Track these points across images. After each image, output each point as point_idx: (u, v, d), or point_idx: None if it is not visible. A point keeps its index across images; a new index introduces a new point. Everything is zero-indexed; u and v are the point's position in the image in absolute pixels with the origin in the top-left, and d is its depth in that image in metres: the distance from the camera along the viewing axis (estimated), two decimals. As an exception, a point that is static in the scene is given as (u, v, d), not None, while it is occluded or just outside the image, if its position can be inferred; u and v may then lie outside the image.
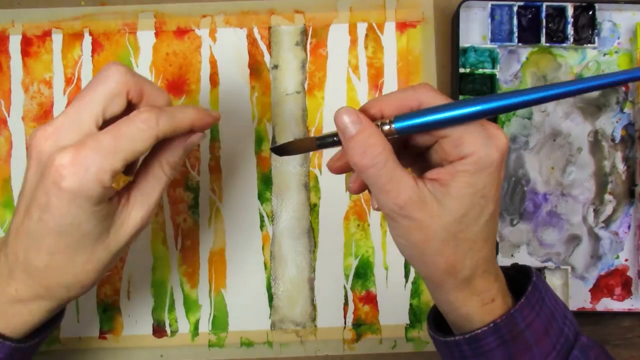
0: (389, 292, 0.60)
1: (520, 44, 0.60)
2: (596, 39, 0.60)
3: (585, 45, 0.60)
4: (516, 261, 0.60)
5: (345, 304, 0.60)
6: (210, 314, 0.60)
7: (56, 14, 0.61)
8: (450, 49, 0.62)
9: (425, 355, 0.60)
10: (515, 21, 0.60)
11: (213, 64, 0.61)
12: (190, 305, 0.60)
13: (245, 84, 0.61)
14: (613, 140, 0.61)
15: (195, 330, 0.60)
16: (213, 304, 0.60)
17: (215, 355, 0.60)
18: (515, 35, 0.60)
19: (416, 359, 0.60)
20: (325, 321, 0.60)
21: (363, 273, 0.60)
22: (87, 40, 0.61)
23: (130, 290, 0.60)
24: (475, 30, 0.61)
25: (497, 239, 0.60)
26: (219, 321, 0.60)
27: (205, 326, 0.60)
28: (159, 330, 0.60)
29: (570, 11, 0.60)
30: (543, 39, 0.60)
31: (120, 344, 0.60)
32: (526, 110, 0.61)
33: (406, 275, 0.60)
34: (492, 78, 0.60)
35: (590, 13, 0.60)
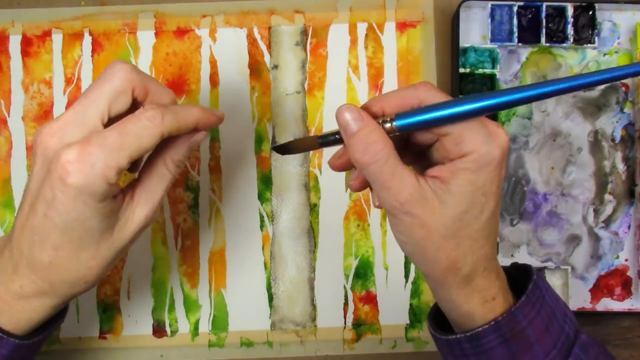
0: (389, 292, 0.60)
1: (520, 44, 0.60)
2: (596, 39, 0.60)
3: (585, 45, 0.60)
4: (516, 261, 0.60)
5: (345, 304, 0.60)
6: (210, 314, 0.60)
7: (56, 14, 0.61)
8: (450, 49, 0.62)
9: (425, 355, 0.60)
10: (515, 21, 0.60)
11: (213, 64, 0.61)
12: (190, 305, 0.60)
13: (245, 84, 0.61)
14: (613, 140, 0.61)
15: (195, 330, 0.60)
16: (213, 304, 0.60)
17: (215, 355, 0.60)
18: (515, 35, 0.60)
19: (416, 359, 0.60)
20: (325, 321, 0.60)
21: (363, 273, 0.60)
22: (87, 40, 0.61)
23: (130, 290, 0.60)
24: (475, 30, 0.61)
25: (497, 239, 0.60)
26: (219, 321, 0.60)
27: (205, 326, 0.60)
28: (159, 330, 0.60)
29: (570, 11, 0.60)
30: (543, 39, 0.60)
31: (120, 344, 0.60)
32: (526, 110, 0.61)
33: (406, 275, 0.60)
34: (492, 78, 0.60)
35: (590, 13, 0.60)
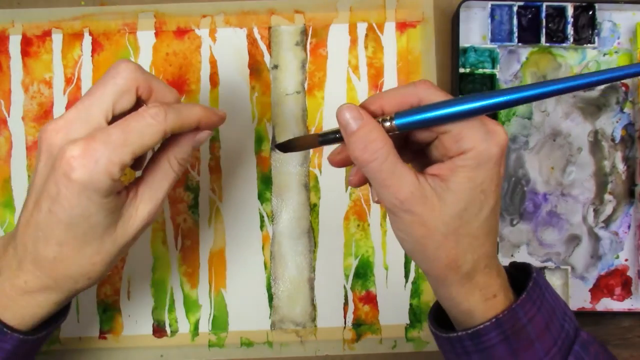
0: (389, 292, 0.60)
1: (520, 44, 0.60)
2: (596, 39, 0.60)
3: (585, 45, 0.60)
4: (515, 260, 0.60)
5: (345, 304, 0.60)
6: (210, 314, 0.60)
7: (56, 14, 0.61)
8: (450, 49, 0.62)
9: (425, 355, 0.60)
10: (515, 21, 0.60)
11: (213, 64, 0.61)
12: (190, 305, 0.60)
13: (245, 84, 0.61)
14: (613, 140, 0.61)
15: (195, 330, 0.60)
16: (213, 304, 0.60)
17: (215, 355, 0.60)
18: (515, 35, 0.60)
19: (416, 359, 0.60)
20: (325, 321, 0.60)
21: (363, 273, 0.60)
22: (87, 40, 0.61)
23: (130, 290, 0.60)
24: (475, 30, 0.61)
25: (497, 239, 0.60)
26: (219, 321, 0.60)
27: (205, 326, 0.60)
28: (159, 330, 0.60)
29: (570, 11, 0.60)
30: (543, 39, 0.60)
31: (120, 344, 0.60)
32: (526, 110, 0.61)
33: (406, 275, 0.60)
34: (492, 78, 0.60)
35: (590, 13, 0.60)
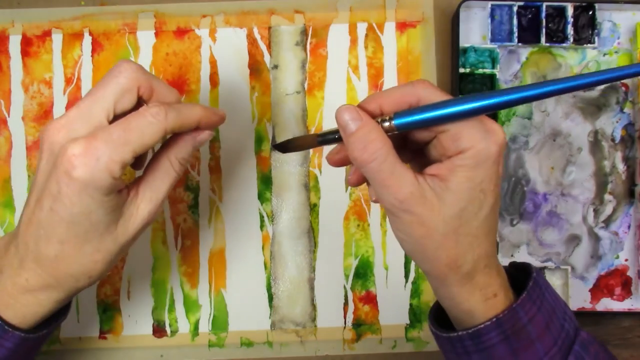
0: (389, 292, 0.60)
1: (520, 44, 0.60)
2: (596, 39, 0.60)
3: (585, 45, 0.60)
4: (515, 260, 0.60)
5: (345, 304, 0.60)
6: (210, 314, 0.60)
7: (56, 14, 0.61)
8: (450, 49, 0.62)
9: (425, 355, 0.60)
10: (515, 21, 0.60)
11: (213, 64, 0.61)
12: (190, 305, 0.60)
13: (245, 84, 0.61)
14: (613, 140, 0.61)
15: (195, 330, 0.60)
16: (213, 304, 0.60)
17: (215, 355, 0.60)
18: (515, 35, 0.60)
19: (416, 359, 0.60)
20: (325, 321, 0.60)
21: (363, 273, 0.60)
22: (87, 40, 0.61)
23: (130, 290, 0.60)
24: (475, 30, 0.61)
25: (497, 239, 0.60)
26: (219, 321, 0.60)
27: (205, 326, 0.60)
28: (159, 330, 0.60)
29: (570, 11, 0.60)
30: (543, 39, 0.60)
31: (120, 344, 0.60)
32: (526, 110, 0.61)
33: (406, 275, 0.60)
34: (492, 78, 0.60)
35: (590, 13, 0.60)
